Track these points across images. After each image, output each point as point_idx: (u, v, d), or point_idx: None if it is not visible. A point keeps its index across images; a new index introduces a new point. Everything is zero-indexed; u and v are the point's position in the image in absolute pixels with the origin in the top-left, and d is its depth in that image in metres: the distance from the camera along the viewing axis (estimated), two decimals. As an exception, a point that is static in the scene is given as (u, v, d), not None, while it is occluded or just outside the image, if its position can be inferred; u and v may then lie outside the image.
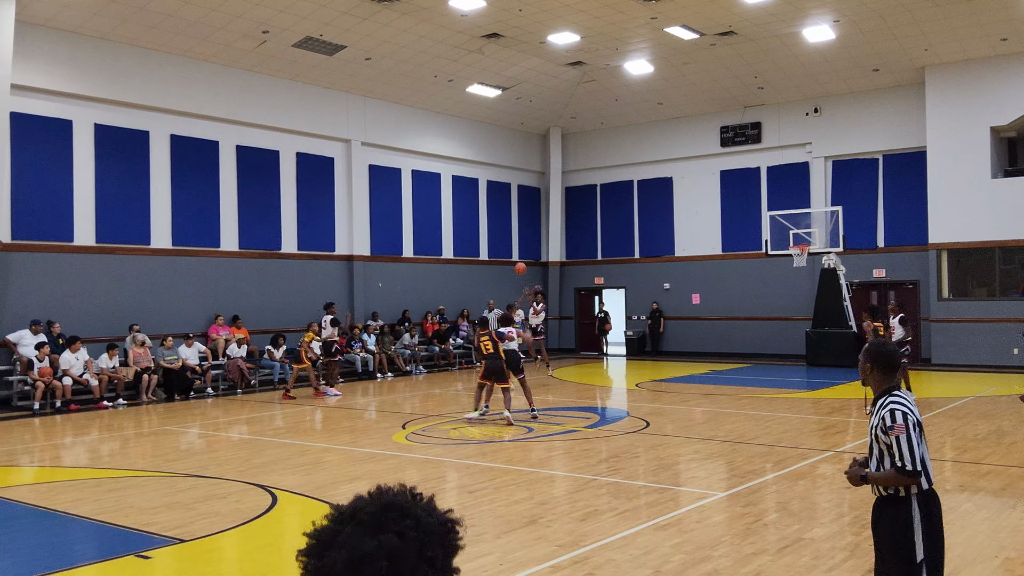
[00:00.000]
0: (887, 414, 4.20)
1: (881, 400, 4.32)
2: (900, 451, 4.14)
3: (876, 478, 4.28)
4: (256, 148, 21.60)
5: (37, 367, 16.24)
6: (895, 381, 4.36)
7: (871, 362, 4.40)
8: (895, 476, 4.16)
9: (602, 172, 29.63)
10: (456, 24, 20.18)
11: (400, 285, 24.95)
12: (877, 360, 4.39)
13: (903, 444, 4.14)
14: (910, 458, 4.13)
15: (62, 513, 8.42)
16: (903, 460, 4.14)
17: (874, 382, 4.41)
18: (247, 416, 15.61)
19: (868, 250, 24.53)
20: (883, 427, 4.19)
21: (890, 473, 4.19)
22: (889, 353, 4.41)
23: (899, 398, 4.25)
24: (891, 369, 4.38)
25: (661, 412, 15.23)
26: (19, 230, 17.37)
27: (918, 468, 4.13)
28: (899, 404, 4.21)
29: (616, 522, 7.72)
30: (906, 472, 4.13)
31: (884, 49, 21.87)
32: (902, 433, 4.13)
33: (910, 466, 4.12)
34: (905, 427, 4.14)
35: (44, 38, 17.59)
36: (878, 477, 4.26)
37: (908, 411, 4.18)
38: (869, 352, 4.44)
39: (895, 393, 4.30)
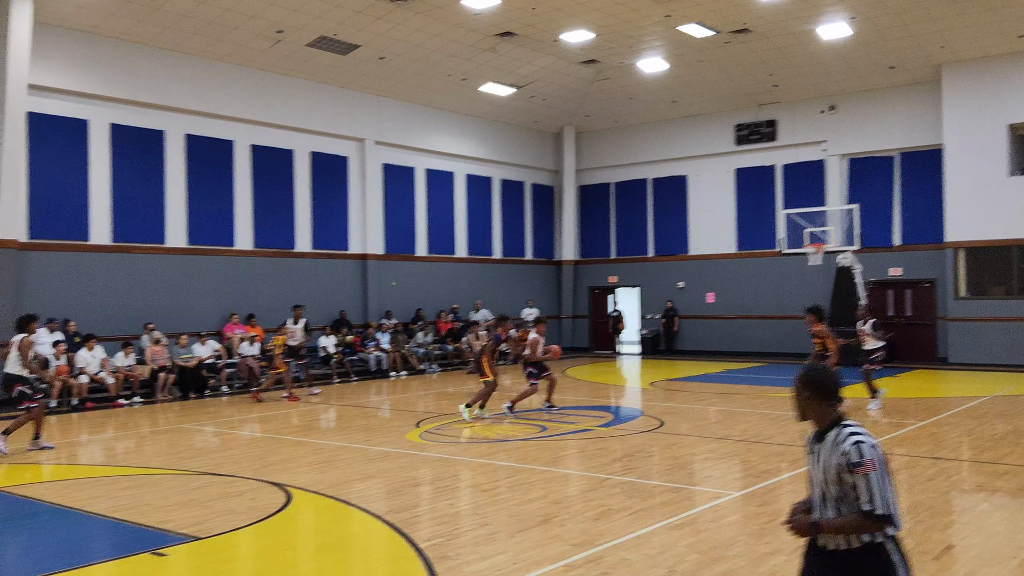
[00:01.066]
0: (851, 449, 3.56)
1: (833, 433, 3.68)
2: (870, 492, 3.52)
3: (835, 525, 3.61)
4: (270, 147, 21.67)
5: (54, 365, 16.35)
6: (841, 409, 3.76)
7: (810, 390, 3.75)
8: (861, 522, 3.54)
9: (616, 171, 29.56)
10: (469, 23, 20.17)
11: (413, 284, 24.98)
12: (817, 387, 3.74)
13: (873, 484, 3.53)
14: (881, 500, 3.52)
15: (79, 511, 8.46)
16: (873, 503, 3.51)
17: (817, 413, 3.75)
18: (261, 414, 15.66)
19: (884, 248, 24.38)
20: (847, 465, 3.57)
21: (854, 518, 3.56)
22: (829, 377, 3.77)
23: (859, 429, 3.65)
24: (834, 395, 3.74)
25: (675, 411, 15.18)
26: (36, 229, 17.49)
27: (891, 511, 3.53)
28: (863, 437, 3.59)
29: (630, 521, 7.69)
30: (876, 517, 3.52)
31: (900, 46, 21.73)
32: (871, 471, 3.53)
33: (881, 509, 3.50)
34: (874, 463, 3.55)
35: (61, 38, 17.70)
36: (838, 524, 3.60)
37: (874, 444, 3.59)
38: (805, 378, 3.77)
39: (849, 424, 3.68)
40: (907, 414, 14.44)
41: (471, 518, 8.00)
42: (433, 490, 9.36)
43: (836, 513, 3.66)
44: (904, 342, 24.06)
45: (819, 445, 3.73)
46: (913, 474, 9.70)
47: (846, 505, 3.62)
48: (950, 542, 7.05)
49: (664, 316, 28.04)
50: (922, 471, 9.83)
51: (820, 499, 3.74)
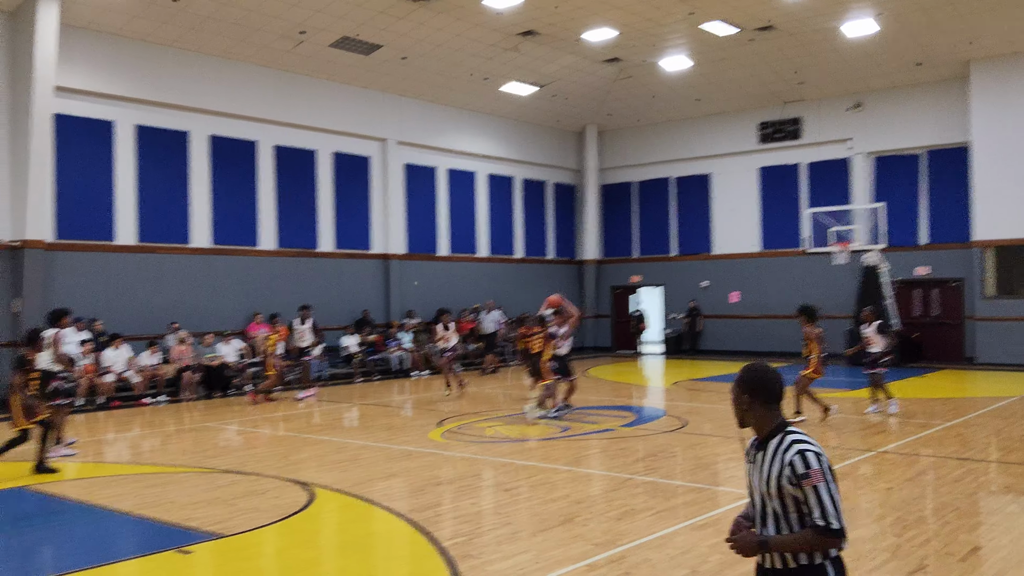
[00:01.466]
0: (796, 458, 3.22)
1: (776, 441, 3.33)
2: (821, 505, 3.18)
3: (784, 543, 3.25)
4: (293, 148, 21.78)
5: (80, 364, 16.51)
6: (783, 414, 3.42)
7: (749, 393, 3.41)
8: (813, 537, 3.19)
9: (639, 169, 29.46)
10: (491, 22, 20.17)
11: (435, 283, 25.02)
12: (757, 389, 3.40)
13: (824, 496, 3.18)
14: (834, 513, 3.18)
15: (104, 508, 8.54)
16: (827, 517, 3.17)
17: (756, 418, 3.41)
18: (284, 413, 15.73)
19: (911, 247, 24.13)
20: (792, 476, 3.21)
21: (806, 534, 3.21)
22: (770, 378, 3.42)
23: (803, 436, 3.31)
24: (775, 399, 3.40)
25: (699, 411, 15.10)
26: (63, 230, 17.68)
27: (844, 525, 3.20)
28: (809, 445, 3.26)
29: (653, 521, 7.65)
30: (831, 532, 3.18)
31: (927, 43, 21.48)
32: (820, 481, 3.19)
33: (836, 523, 3.17)
34: (822, 473, 3.21)
35: (86, 41, 17.87)
36: (787, 542, 3.25)
37: (819, 451, 3.25)
38: (744, 380, 3.45)
39: (792, 430, 3.34)
40: (934, 414, 14.28)
41: (493, 517, 7.99)
42: (455, 489, 9.36)
43: (775, 530, 3.31)
44: (931, 342, 23.82)
45: (760, 454, 3.38)
46: (940, 475, 9.59)
47: (786, 522, 3.27)
48: (977, 543, 6.96)
49: (687, 316, 27.91)
50: (949, 472, 9.71)
51: (760, 513, 3.38)
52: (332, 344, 21.39)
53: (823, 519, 3.18)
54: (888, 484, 9.20)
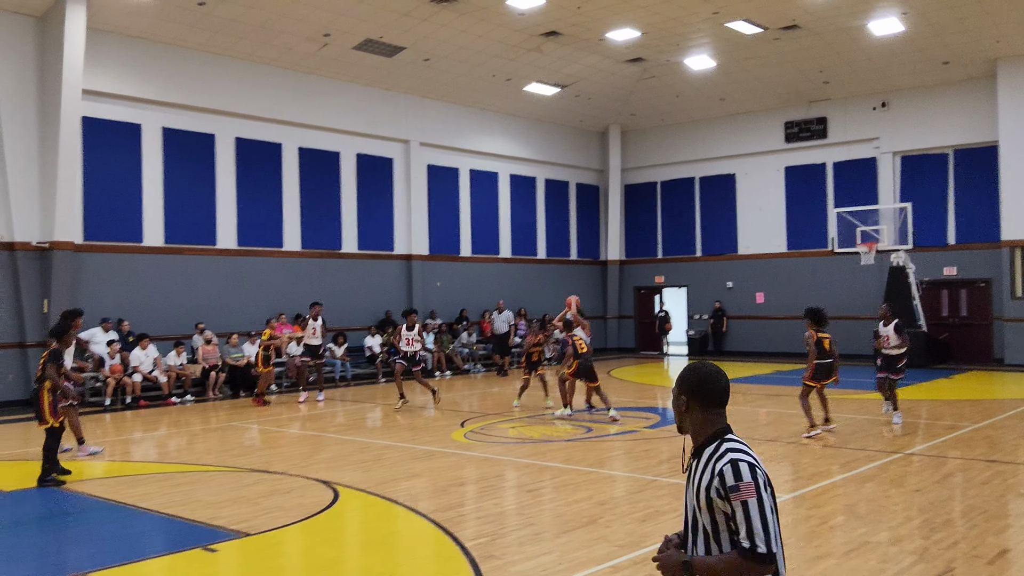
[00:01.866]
0: (727, 468, 2.87)
1: (711, 448, 2.98)
2: (748, 523, 2.80)
3: (707, 566, 2.87)
4: (317, 150, 21.90)
5: (108, 364, 16.71)
6: (725, 420, 3.08)
7: (687, 394, 3.08)
8: (739, 562, 2.80)
9: (662, 169, 29.36)
10: (514, 23, 20.18)
11: (458, 284, 25.06)
12: (695, 391, 3.07)
13: (753, 513, 2.80)
14: (763, 534, 2.79)
15: (132, 506, 8.62)
16: (753, 537, 2.79)
17: (694, 423, 3.07)
18: (309, 413, 15.82)
19: (938, 247, 23.87)
20: (721, 488, 2.85)
21: (731, 557, 2.83)
22: (710, 379, 3.08)
23: (741, 445, 2.97)
24: (715, 402, 3.06)
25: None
26: (91, 231, 17.88)
27: (774, 549, 2.80)
28: (743, 454, 2.91)
29: (677, 523, 7.61)
30: (758, 556, 2.78)
31: (954, 41, 21.25)
32: (751, 496, 2.81)
33: (763, 547, 2.77)
34: (755, 487, 2.83)
35: (114, 44, 18.07)
36: (710, 564, 2.87)
37: (756, 463, 2.89)
38: (683, 379, 3.13)
39: (731, 438, 3.00)
40: (962, 416, 14.12)
41: (516, 518, 7.99)
42: (478, 489, 9.36)
43: (704, 550, 2.94)
44: (959, 343, 23.57)
45: (695, 462, 3.03)
46: (967, 477, 9.48)
47: (716, 541, 2.90)
48: (1005, 546, 6.87)
49: (712, 316, 27.77)
50: (977, 474, 9.60)
51: (691, 529, 3.02)
52: (355, 344, 21.48)
53: (748, 539, 2.78)
54: (916, 486, 9.11)
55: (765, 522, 2.81)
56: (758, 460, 2.94)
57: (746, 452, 2.94)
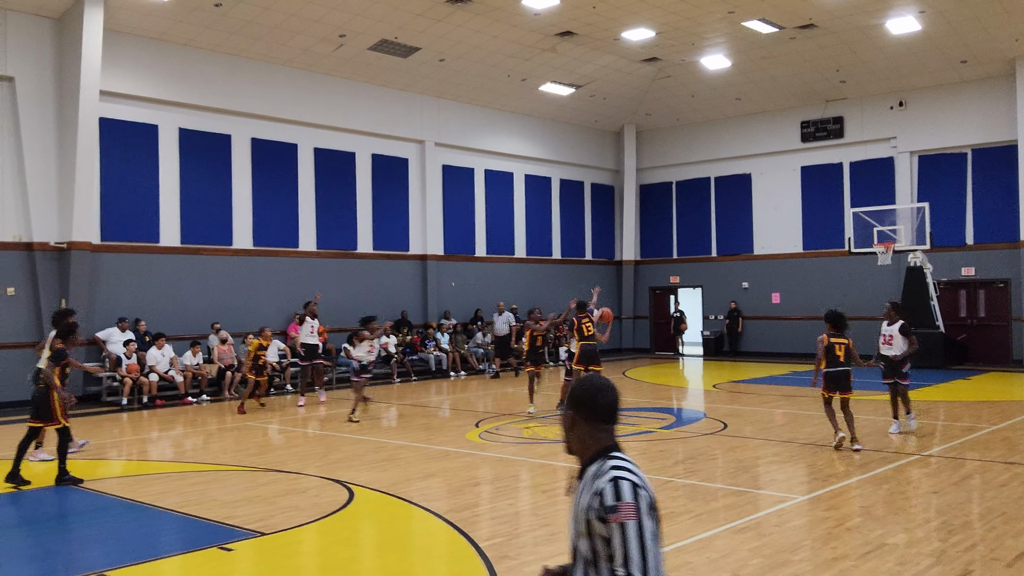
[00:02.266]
0: (607, 487, 2.62)
1: (595, 467, 2.74)
2: (625, 548, 2.56)
3: None
4: (333, 150, 21.95)
5: (125, 364, 16.81)
6: (613, 438, 2.82)
7: (573, 408, 2.83)
8: None
9: (678, 169, 29.28)
10: (529, 23, 20.17)
11: (473, 284, 25.07)
12: (581, 405, 2.82)
13: (631, 538, 2.56)
14: (640, 563, 2.55)
15: (148, 505, 8.67)
16: (628, 565, 2.55)
17: (579, 440, 2.84)
18: (324, 413, 15.86)
19: (956, 248, 23.70)
20: (600, 508, 2.61)
21: None
22: (597, 393, 2.83)
23: (625, 463, 2.71)
24: (601, 418, 2.80)
25: (739, 414, 14.96)
26: (108, 232, 18.00)
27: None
28: (628, 473, 2.66)
29: (693, 524, 7.59)
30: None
31: (972, 40, 21.09)
32: (630, 519, 2.57)
33: (639, 574, 2.54)
34: (635, 509, 2.59)
35: (130, 46, 18.18)
36: None
37: (639, 483, 2.65)
38: (570, 393, 2.88)
39: (617, 456, 2.75)
40: (980, 418, 14.00)
41: (531, 518, 7.98)
42: (493, 490, 9.36)
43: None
44: (977, 344, 23.39)
45: (579, 483, 2.80)
46: (986, 479, 9.41)
47: (595, 569, 2.64)
48: (1026, 550, 6.81)
49: (728, 317, 27.67)
50: (995, 476, 9.52)
51: (572, 556, 2.76)
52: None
53: (624, 567, 2.53)
54: (933, 488, 9.05)
55: (644, 549, 2.55)
56: (645, 481, 2.69)
57: (631, 471, 2.68)
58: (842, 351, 11.05)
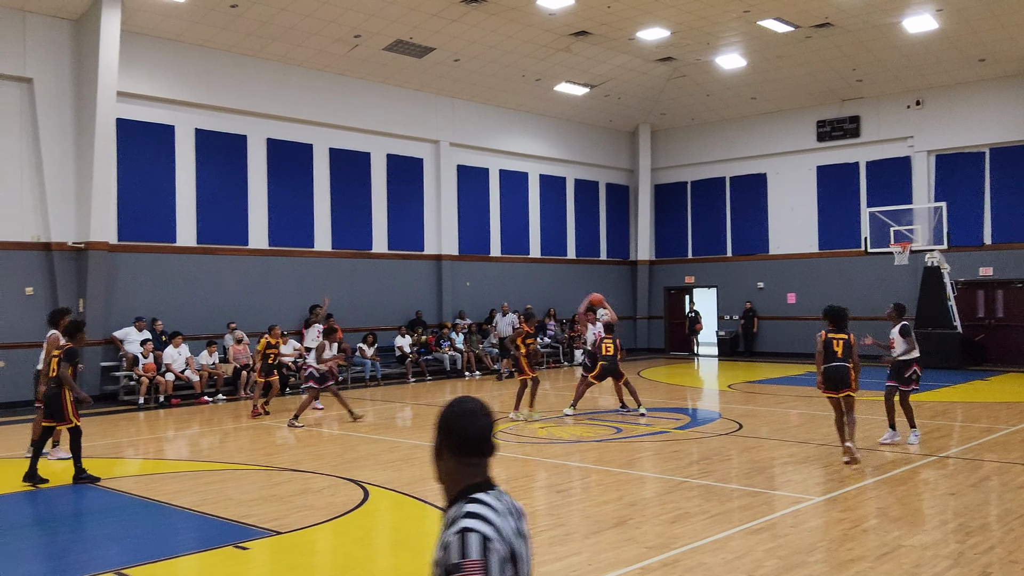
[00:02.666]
0: (454, 540, 2.32)
1: (452, 511, 2.44)
2: None
3: None
4: (348, 150, 22.01)
5: (142, 363, 16.91)
6: (484, 474, 2.50)
7: (442, 433, 2.52)
8: None
9: (693, 169, 29.19)
10: (544, 23, 20.16)
11: (488, 284, 25.08)
12: (447, 432, 2.50)
13: None
14: None
15: (165, 504, 8.72)
16: None
17: (446, 473, 2.51)
18: (339, 412, 15.89)
19: (974, 247, 23.52)
20: (447, 563, 2.31)
21: None
22: (465, 419, 2.49)
23: (484, 510, 2.39)
24: (471, 450, 2.48)
25: (755, 414, 14.90)
26: (125, 232, 18.10)
27: None
28: (477, 522, 2.34)
29: (708, 525, 7.57)
30: None
31: (990, 38, 20.92)
32: None
33: None
34: (482, 569, 2.28)
35: (147, 47, 18.29)
36: None
37: (492, 535, 2.33)
38: (440, 420, 2.55)
39: (477, 498, 2.43)
40: (998, 419, 13.89)
41: (546, 518, 7.97)
42: (508, 489, 9.31)
43: None
44: (995, 344, 23.20)
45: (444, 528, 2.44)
46: (1004, 481, 9.33)
47: None
48: (1046, 553, 6.75)
49: (743, 317, 27.57)
50: (1013, 478, 9.44)
51: None
52: (386, 344, 21.58)
53: None
54: (951, 489, 8.98)
55: None
56: (505, 530, 2.36)
57: (487, 520, 2.34)
58: (840, 346, 10.23)
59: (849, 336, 10.31)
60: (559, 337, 25.49)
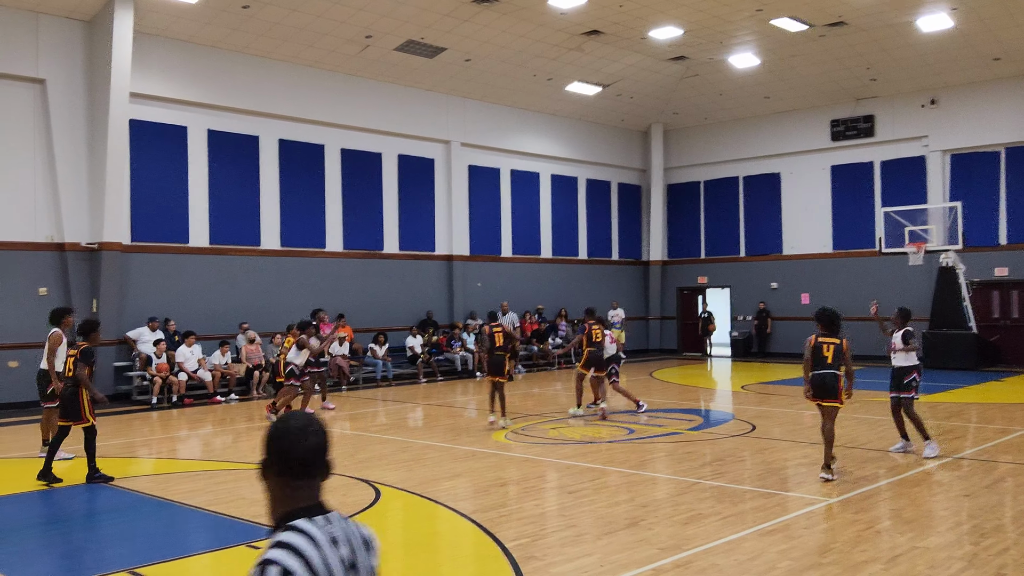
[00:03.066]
0: (253, 573, 2.15)
1: (268, 543, 2.23)
2: None
3: None
4: (360, 151, 22.03)
5: (155, 363, 16.97)
6: (311, 498, 2.31)
7: (267, 453, 2.31)
8: None
9: (706, 168, 29.09)
10: (555, 23, 20.13)
11: (499, 285, 25.05)
12: (271, 453, 2.30)
13: None
14: None
15: (178, 503, 8.74)
16: None
17: (271, 495, 2.32)
18: (350, 412, 15.92)
19: (989, 247, 23.35)
20: None
21: None
22: (289, 437, 2.29)
23: (294, 537, 2.20)
24: (294, 471, 2.28)
25: (768, 415, 14.84)
26: (138, 232, 18.17)
27: None
28: (281, 553, 2.15)
29: (720, 526, 7.53)
30: None
31: (1006, 37, 20.77)
32: None
33: None
34: None
35: (160, 48, 18.35)
36: None
37: (294, 568, 2.13)
38: (265, 438, 2.34)
39: (293, 525, 2.23)
40: (1013, 420, 13.78)
41: (557, 519, 7.95)
42: (519, 490, 9.34)
43: None
44: (1010, 345, 23.03)
45: None
46: (1019, 482, 9.25)
47: None
48: (1063, 555, 6.68)
49: (756, 317, 27.46)
50: (1031, 480, 9.36)
51: None
52: (397, 345, 21.59)
53: None
54: (965, 491, 8.91)
55: None
56: (319, 565, 2.16)
57: (297, 552, 2.15)
58: (830, 352, 9.57)
59: (842, 341, 9.61)
60: (570, 337, 25.43)
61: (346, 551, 2.27)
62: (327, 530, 2.26)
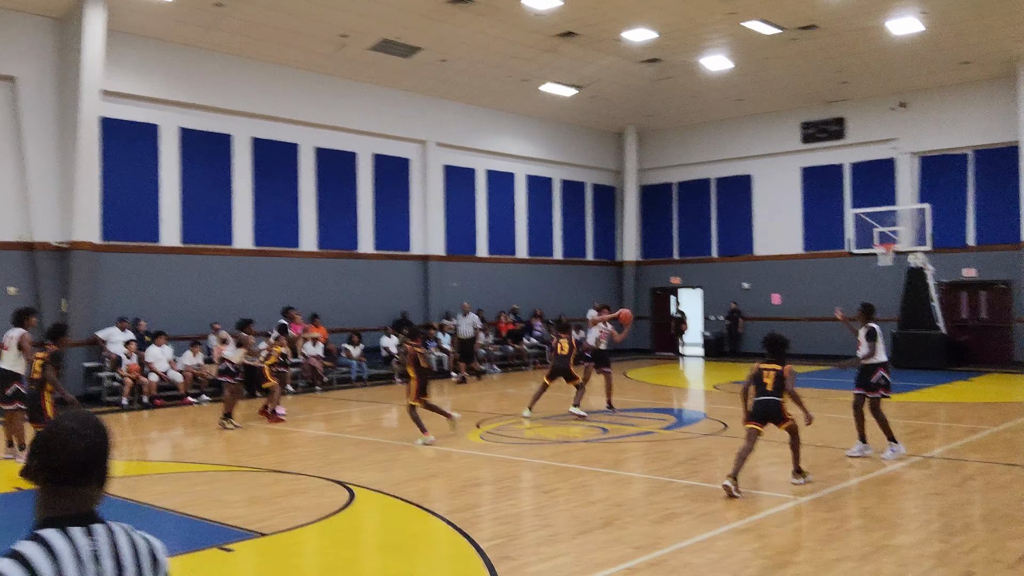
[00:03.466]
0: None
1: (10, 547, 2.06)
2: None
3: None
4: (334, 150, 21.95)
5: (125, 364, 16.80)
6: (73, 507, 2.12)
7: (32, 456, 2.19)
8: None
9: (679, 170, 29.27)
10: (531, 24, 20.16)
11: (474, 285, 25.05)
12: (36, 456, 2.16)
13: None
14: None
15: (149, 505, 8.66)
16: None
17: (36, 500, 2.17)
18: (324, 413, 15.85)
19: (957, 249, 23.68)
20: None
21: None
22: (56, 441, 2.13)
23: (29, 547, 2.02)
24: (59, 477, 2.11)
25: (740, 414, 14.83)
26: (109, 231, 17.99)
27: None
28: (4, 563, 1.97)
29: (694, 525, 7.59)
30: None
31: (974, 41, 21.07)
32: None
33: None
34: None
35: (132, 45, 18.17)
36: None
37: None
38: (34, 439, 2.25)
39: (37, 534, 2.06)
40: (981, 419, 13.99)
41: (532, 519, 7.97)
42: (494, 490, 9.35)
43: None
44: (978, 345, 23.37)
45: None
46: (987, 481, 9.40)
47: None
48: (1029, 552, 6.80)
49: (728, 318, 27.66)
50: (996, 477, 9.51)
51: None
52: (372, 345, 21.53)
53: None
54: (934, 490, 9.04)
55: None
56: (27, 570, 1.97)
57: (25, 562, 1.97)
58: (770, 379, 9.05)
59: (783, 369, 9.04)
60: (545, 337, 25.46)
61: (109, 566, 2.08)
62: (85, 543, 2.07)
